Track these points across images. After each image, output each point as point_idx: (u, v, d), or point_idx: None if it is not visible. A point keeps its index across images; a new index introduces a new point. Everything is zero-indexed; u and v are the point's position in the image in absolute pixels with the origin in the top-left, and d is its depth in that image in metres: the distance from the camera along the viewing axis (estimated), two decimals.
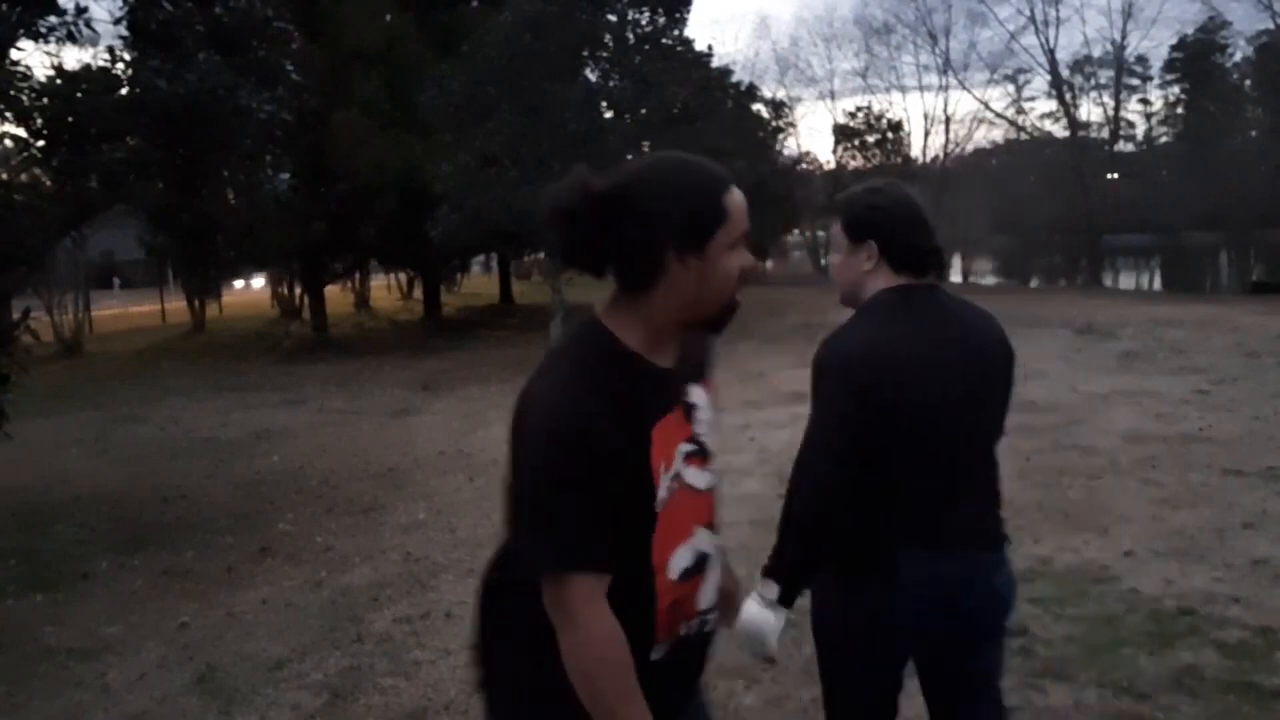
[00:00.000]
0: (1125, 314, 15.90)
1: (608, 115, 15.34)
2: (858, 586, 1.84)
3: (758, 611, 1.81)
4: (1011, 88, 39.79)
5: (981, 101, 48.06)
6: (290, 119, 7.69)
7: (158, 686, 3.57)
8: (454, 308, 23.79)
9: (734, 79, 23.22)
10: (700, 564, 1.42)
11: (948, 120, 40.94)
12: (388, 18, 16.09)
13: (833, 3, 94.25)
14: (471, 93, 14.01)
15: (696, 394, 1.43)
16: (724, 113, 18.71)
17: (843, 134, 40.19)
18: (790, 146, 38.18)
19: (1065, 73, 37.80)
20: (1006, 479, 1.96)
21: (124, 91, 6.28)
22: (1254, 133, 38.12)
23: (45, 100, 6.15)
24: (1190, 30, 37.76)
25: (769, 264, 39.41)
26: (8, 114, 6.20)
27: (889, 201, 1.91)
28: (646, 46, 15.30)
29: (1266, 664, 3.20)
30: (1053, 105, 38.79)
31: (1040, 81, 45.53)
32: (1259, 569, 4.08)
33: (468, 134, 14.11)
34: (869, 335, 1.81)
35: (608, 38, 14.96)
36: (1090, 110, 41.74)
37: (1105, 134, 39.35)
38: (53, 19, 5.79)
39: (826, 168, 41.51)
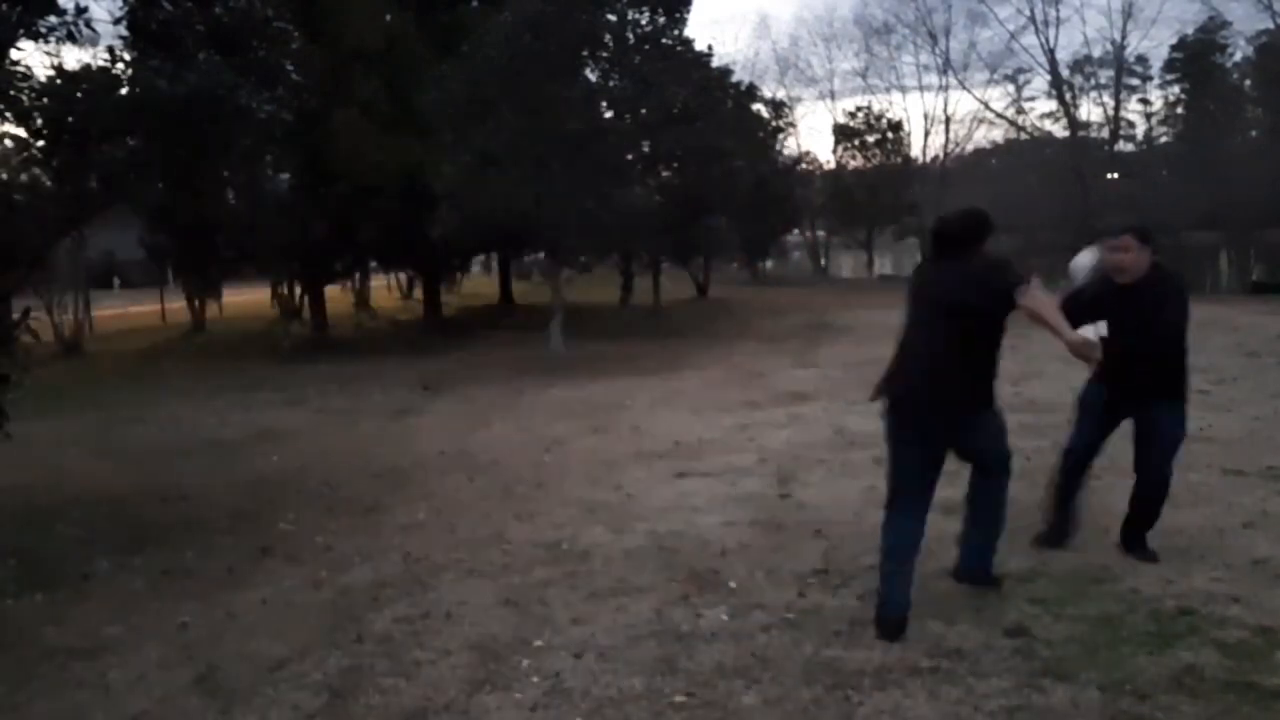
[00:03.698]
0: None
1: (608, 115, 15.34)
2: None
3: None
4: (1011, 88, 39.85)
5: (981, 101, 48.00)
6: (290, 119, 7.68)
7: (158, 686, 3.57)
8: (454, 308, 23.78)
9: (734, 79, 23.15)
10: None
11: (948, 120, 40.96)
12: (388, 18, 16.07)
13: (833, 3, 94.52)
14: (471, 93, 13.99)
15: None
16: (724, 113, 18.68)
17: (843, 134, 40.20)
18: (790, 146, 38.14)
19: (1065, 73, 37.89)
20: None
21: (124, 91, 6.26)
22: (1254, 133, 38.16)
23: (45, 100, 6.13)
24: (1190, 30, 37.82)
25: (769, 264, 39.40)
26: (8, 114, 6.18)
27: None
28: (646, 46, 15.29)
29: (1266, 664, 3.20)
30: (1053, 105, 38.81)
31: (1040, 81, 45.55)
32: (1259, 569, 4.08)
33: (468, 134, 14.10)
34: None
35: (608, 38, 14.95)
36: (1090, 110, 41.66)
37: (1105, 134, 39.39)
38: (53, 19, 5.76)
39: (826, 168, 41.50)
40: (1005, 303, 3.54)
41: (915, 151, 41.32)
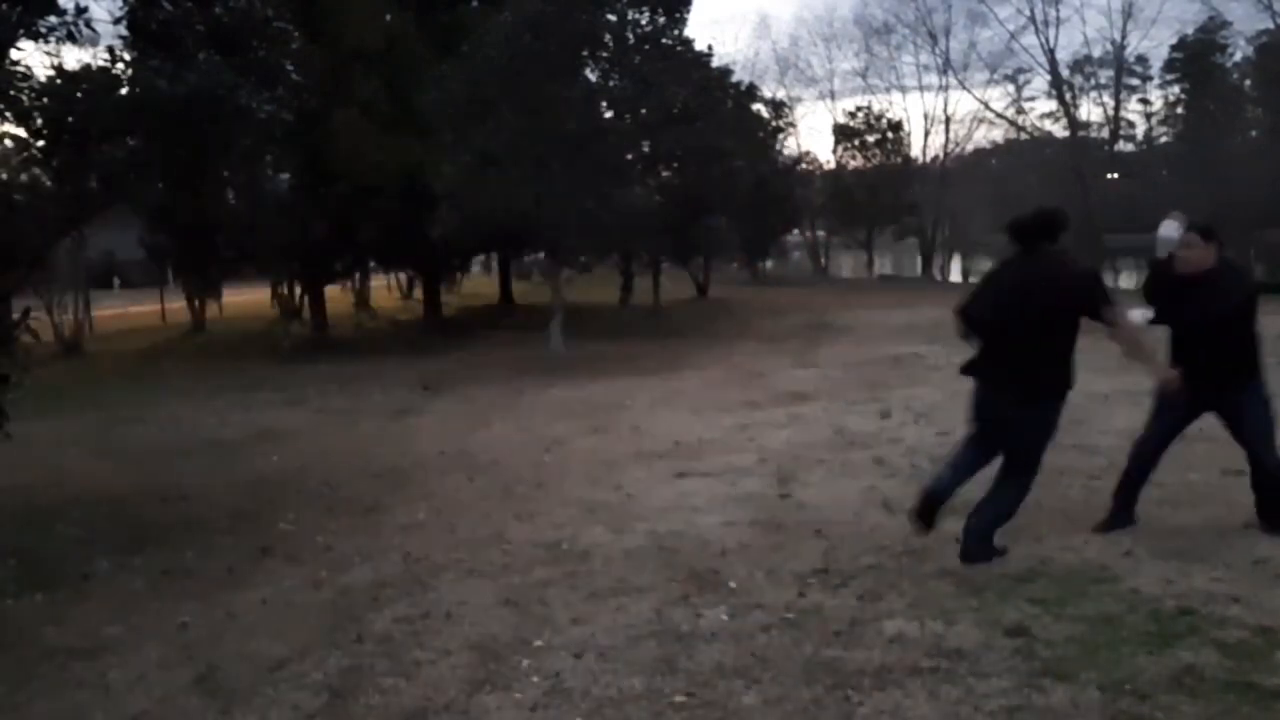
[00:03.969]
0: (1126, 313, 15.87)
1: (608, 115, 15.33)
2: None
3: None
4: (1011, 88, 39.89)
5: (981, 101, 47.91)
6: (290, 119, 7.68)
7: (158, 686, 3.57)
8: (454, 308, 23.78)
9: (734, 79, 23.13)
10: None
11: (948, 120, 40.98)
12: (388, 18, 16.07)
13: (833, 3, 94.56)
14: (471, 93, 13.99)
15: None
16: (724, 113, 18.67)
17: (843, 134, 40.15)
18: (790, 146, 38.10)
19: (1065, 73, 37.89)
20: None
21: (124, 91, 6.26)
22: (1254, 133, 38.17)
23: (45, 100, 6.14)
24: (1190, 30, 37.82)
25: (769, 264, 39.37)
26: (8, 114, 6.19)
27: None
28: (646, 46, 15.28)
29: (1266, 664, 3.20)
30: (1053, 105, 38.82)
31: (1040, 81, 45.47)
32: (1259, 569, 4.08)
33: (468, 134, 14.10)
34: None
35: (608, 38, 14.95)
36: (1090, 110, 41.63)
37: (1105, 134, 39.40)
38: (53, 19, 5.76)
39: (826, 168, 41.47)
40: (1084, 311, 3.95)
41: (915, 151, 41.36)
